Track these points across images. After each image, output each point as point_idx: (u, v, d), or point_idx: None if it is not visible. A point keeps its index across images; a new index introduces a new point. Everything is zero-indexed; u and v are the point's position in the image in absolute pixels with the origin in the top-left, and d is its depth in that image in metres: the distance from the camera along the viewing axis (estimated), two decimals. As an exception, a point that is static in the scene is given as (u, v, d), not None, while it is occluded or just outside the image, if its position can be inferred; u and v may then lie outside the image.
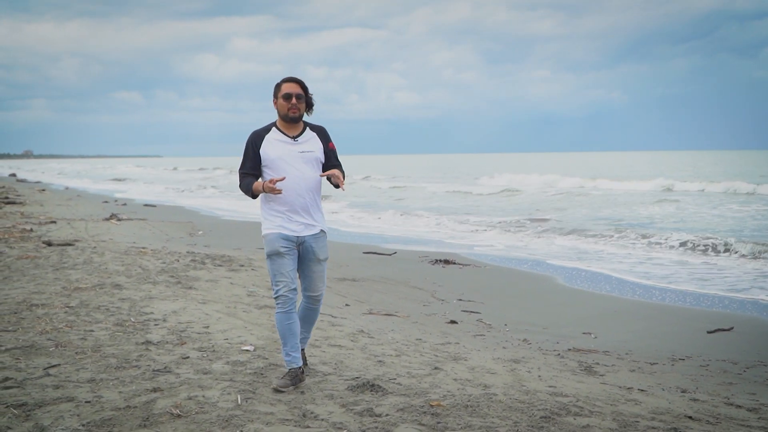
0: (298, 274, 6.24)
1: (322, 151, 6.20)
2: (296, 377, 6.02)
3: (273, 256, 6.09)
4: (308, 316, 6.45)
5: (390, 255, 16.88)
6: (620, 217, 27.34)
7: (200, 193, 47.67)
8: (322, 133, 6.26)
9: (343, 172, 6.18)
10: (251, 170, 6.11)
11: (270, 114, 6.20)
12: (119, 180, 70.70)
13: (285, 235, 6.07)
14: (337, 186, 6.05)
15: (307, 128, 6.22)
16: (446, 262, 15.90)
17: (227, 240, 18.66)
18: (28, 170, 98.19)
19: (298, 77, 6.13)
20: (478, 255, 17.79)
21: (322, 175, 6.12)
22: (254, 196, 6.04)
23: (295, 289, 6.08)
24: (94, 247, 14.50)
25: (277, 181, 5.83)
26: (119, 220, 22.30)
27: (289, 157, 6.05)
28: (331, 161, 6.25)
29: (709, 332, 9.91)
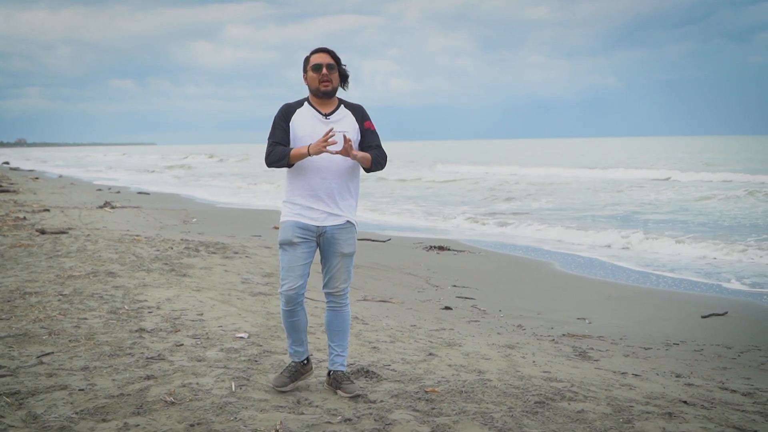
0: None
1: (358, 131, 5.53)
2: (296, 372, 5.62)
3: (285, 245, 5.47)
4: (335, 323, 5.65)
5: (384, 242, 16.87)
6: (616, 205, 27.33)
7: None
8: (358, 111, 5.60)
9: (383, 156, 5.58)
10: (282, 141, 5.45)
11: (264, 102, 5.74)
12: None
13: (302, 224, 5.43)
14: (368, 170, 5.53)
15: (342, 105, 5.58)
16: (440, 248, 15.89)
17: (221, 227, 18.63)
18: (24, 159, 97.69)
19: (329, 47, 5.52)
20: (472, 241, 17.80)
21: (347, 154, 5.32)
22: (290, 164, 5.40)
23: (303, 287, 5.54)
24: (88, 235, 14.46)
25: (328, 135, 5.20)
26: (113, 207, 22.25)
27: (318, 136, 5.35)
28: (368, 142, 5.57)
29: (703, 317, 9.92)
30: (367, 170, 5.55)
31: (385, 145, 5.63)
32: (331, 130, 5.24)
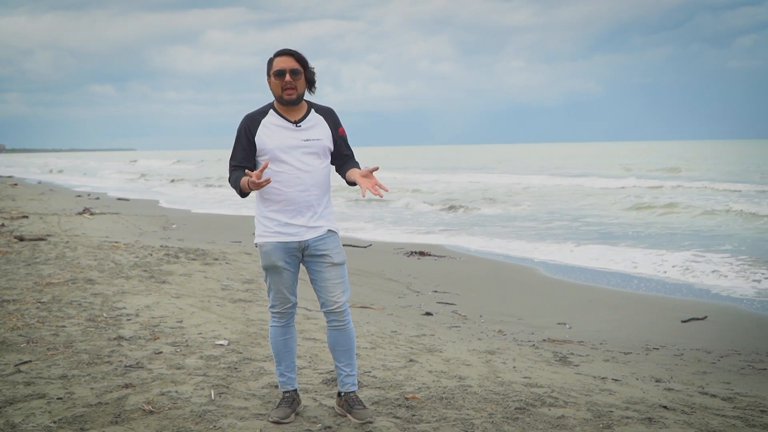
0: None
1: (331, 138, 5.14)
2: (293, 402, 5.23)
3: (270, 270, 5.13)
4: (339, 342, 5.21)
5: (365, 247, 16.85)
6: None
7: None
8: (330, 117, 5.19)
9: (357, 163, 5.25)
10: (243, 162, 5.04)
11: (246, 107, 5.30)
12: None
13: (284, 244, 5.03)
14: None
15: (312, 110, 5.15)
16: (421, 253, 15.91)
17: (201, 233, 18.57)
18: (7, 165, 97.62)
19: (294, 49, 5.09)
20: (453, 246, 17.82)
21: (361, 187, 4.93)
22: (243, 194, 5.01)
23: (295, 304, 5.27)
24: (67, 241, 14.38)
25: (260, 171, 4.79)
26: (92, 214, 22.13)
27: (291, 147, 4.99)
28: (342, 150, 5.23)
29: (683, 321, 9.96)
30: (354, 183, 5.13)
31: (367, 151, 5.55)
32: (265, 163, 4.85)
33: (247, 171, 4.86)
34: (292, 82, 4.98)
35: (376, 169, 4.99)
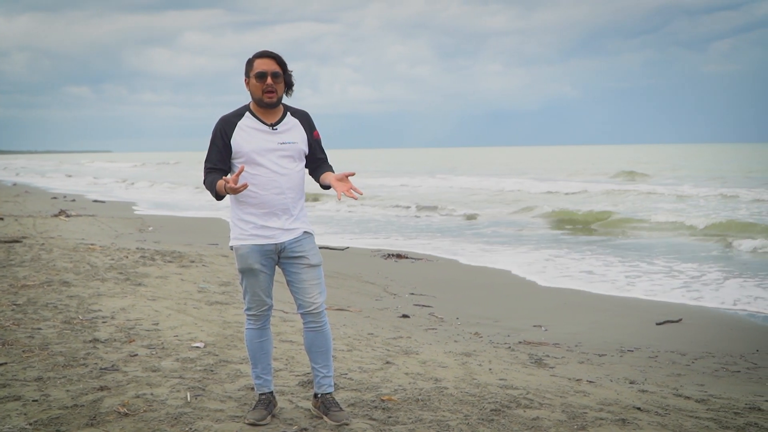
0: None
1: (306, 141, 5.14)
2: (270, 404, 5.23)
3: (246, 272, 5.12)
4: (316, 343, 5.22)
5: (342, 250, 16.86)
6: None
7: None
8: (306, 120, 5.19)
9: (330, 167, 5.26)
10: (218, 164, 5.02)
11: (223, 109, 5.30)
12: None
13: (260, 247, 5.03)
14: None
15: (288, 114, 5.15)
16: (399, 256, 15.93)
17: (178, 236, 18.51)
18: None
19: (275, 51, 5.08)
20: (430, 249, 17.85)
21: (338, 192, 4.96)
22: (219, 196, 4.99)
23: (271, 306, 5.26)
24: (42, 243, 14.30)
25: (237, 176, 4.77)
26: (68, 216, 22.02)
27: (267, 150, 4.99)
28: (317, 153, 5.23)
29: (657, 324, 10.04)
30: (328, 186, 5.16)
31: (344, 154, 5.57)
32: (241, 168, 4.83)
33: (224, 178, 4.85)
34: (273, 85, 4.97)
35: (352, 174, 5.01)
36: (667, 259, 15.95)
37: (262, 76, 4.97)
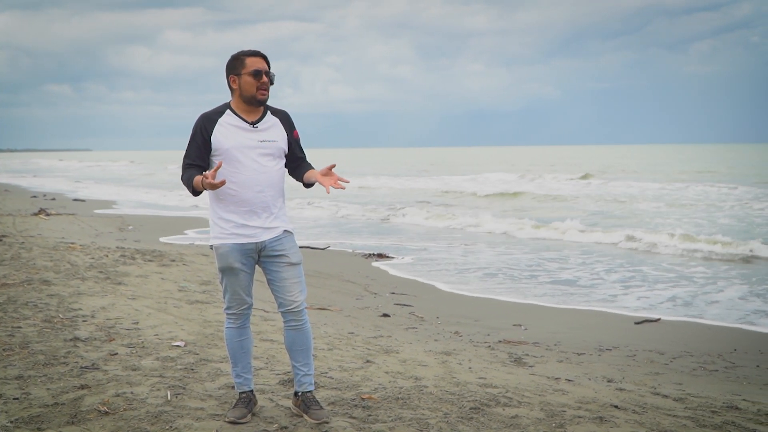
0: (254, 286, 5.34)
1: (286, 140, 5.16)
2: (250, 402, 5.23)
3: (226, 272, 5.11)
4: (297, 341, 5.23)
5: (323, 249, 16.88)
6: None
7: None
8: (285, 119, 5.21)
9: (310, 165, 5.29)
10: (197, 160, 5.01)
11: (204, 107, 5.22)
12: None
13: (240, 246, 5.03)
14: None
15: (269, 113, 5.16)
16: (379, 255, 15.95)
17: (158, 235, 18.47)
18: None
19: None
20: (410, 248, 17.89)
21: (326, 186, 5.02)
22: (196, 192, 4.95)
23: (251, 305, 5.27)
24: (22, 242, 14.23)
25: (215, 171, 4.77)
26: (48, 215, 21.92)
27: (247, 148, 5.00)
28: (296, 152, 5.26)
29: (636, 323, 10.11)
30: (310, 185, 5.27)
31: (323, 153, 5.60)
32: (219, 163, 4.83)
33: (204, 174, 4.85)
34: (268, 83, 5.02)
35: (334, 166, 5.06)
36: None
37: (258, 74, 5.00)
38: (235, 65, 5.05)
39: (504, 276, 13.96)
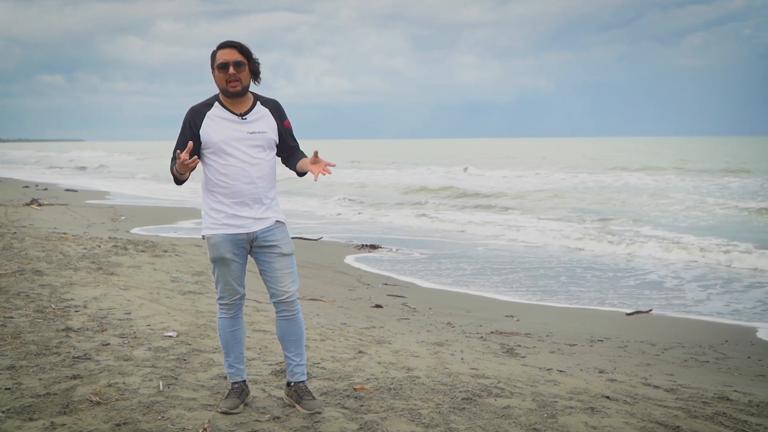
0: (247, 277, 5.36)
1: (276, 131, 5.13)
2: (242, 392, 5.23)
3: (218, 262, 5.11)
4: (289, 331, 5.23)
5: (316, 240, 16.87)
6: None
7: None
8: (276, 109, 5.17)
9: (303, 153, 5.25)
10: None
11: (196, 98, 5.30)
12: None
13: (232, 236, 5.02)
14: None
15: (258, 103, 5.13)
16: (372, 247, 15.96)
17: (151, 225, 18.44)
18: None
19: (237, 40, 5.02)
20: (402, 240, 17.90)
21: (315, 174, 5.02)
22: (178, 181, 4.99)
23: (243, 296, 5.26)
24: (14, 232, 14.21)
25: (187, 151, 4.74)
26: (40, 205, 21.87)
27: (236, 140, 4.98)
28: (288, 142, 5.23)
29: (628, 314, 10.13)
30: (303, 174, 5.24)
31: (316, 144, 5.61)
32: (190, 144, 4.78)
33: (177, 153, 4.82)
34: (236, 74, 4.95)
35: (317, 152, 5.08)
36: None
37: (224, 66, 4.94)
38: (211, 59, 5.04)
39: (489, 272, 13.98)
